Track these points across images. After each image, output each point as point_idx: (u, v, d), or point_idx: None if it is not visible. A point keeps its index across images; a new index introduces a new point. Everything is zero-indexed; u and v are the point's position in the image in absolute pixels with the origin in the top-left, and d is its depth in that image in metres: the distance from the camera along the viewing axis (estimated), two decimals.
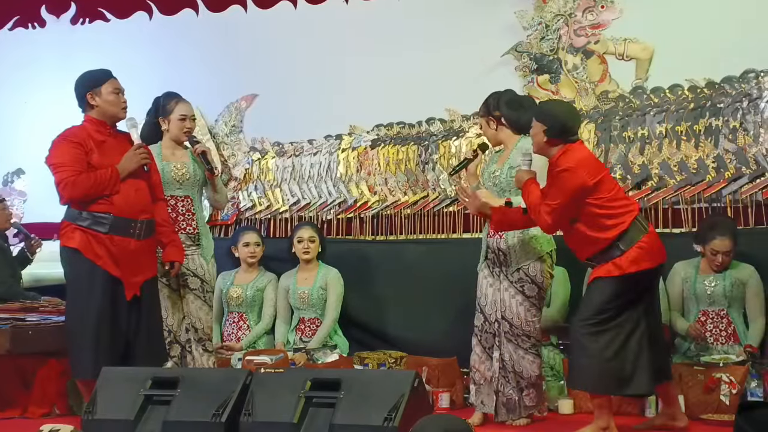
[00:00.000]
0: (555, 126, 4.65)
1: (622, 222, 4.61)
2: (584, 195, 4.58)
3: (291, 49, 7.18)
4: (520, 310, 5.02)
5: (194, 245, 5.29)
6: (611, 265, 4.61)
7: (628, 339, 4.60)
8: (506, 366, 5.04)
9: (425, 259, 6.52)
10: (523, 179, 4.75)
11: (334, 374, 4.52)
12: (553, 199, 4.59)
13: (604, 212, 4.61)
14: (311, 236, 6.32)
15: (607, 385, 4.62)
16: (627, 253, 4.59)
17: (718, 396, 5.09)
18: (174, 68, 7.49)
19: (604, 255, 4.64)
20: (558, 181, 4.60)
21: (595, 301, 4.65)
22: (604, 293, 4.62)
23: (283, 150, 7.19)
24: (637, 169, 6.14)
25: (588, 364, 4.61)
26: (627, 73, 6.26)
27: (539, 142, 4.70)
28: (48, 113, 7.61)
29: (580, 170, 4.57)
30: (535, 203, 4.66)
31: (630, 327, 4.61)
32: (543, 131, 4.66)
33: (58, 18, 8.03)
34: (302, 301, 6.31)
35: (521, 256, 5.04)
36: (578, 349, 4.68)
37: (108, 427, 4.41)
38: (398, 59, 6.77)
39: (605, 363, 4.58)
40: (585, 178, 4.56)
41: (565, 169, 4.57)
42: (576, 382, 4.80)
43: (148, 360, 4.85)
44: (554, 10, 6.46)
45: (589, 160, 4.69)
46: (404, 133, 6.83)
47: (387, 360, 5.83)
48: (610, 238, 4.61)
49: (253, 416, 4.26)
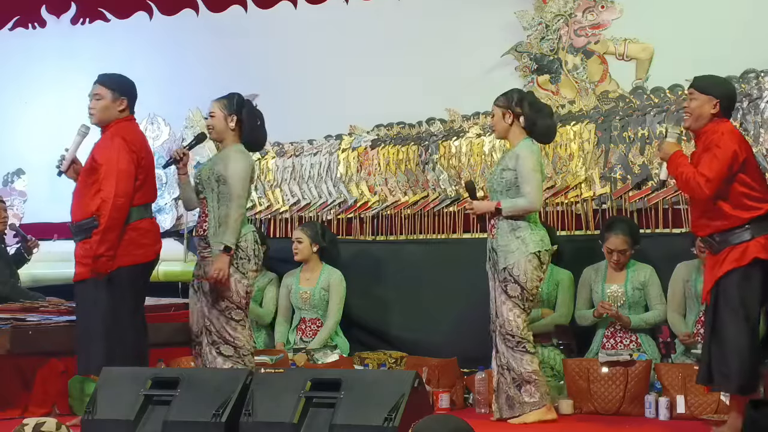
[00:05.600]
0: (728, 100, 4.68)
1: (759, 207, 4.55)
2: (736, 167, 4.54)
3: (291, 49, 7.18)
4: (503, 309, 5.07)
5: (208, 247, 5.13)
6: (738, 253, 4.52)
7: (755, 333, 4.56)
8: (502, 364, 5.08)
9: (425, 259, 6.52)
10: (671, 151, 4.71)
11: (335, 374, 4.52)
12: (710, 170, 4.52)
13: (746, 191, 4.55)
14: (298, 237, 6.36)
15: (754, 385, 4.53)
16: (757, 240, 4.51)
17: (719, 396, 5.09)
18: (174, 68, 7.50)
19: (730, 234, 4.54)
20: (714, 150, 4.54)
21: (737, 296, 4.52)
22: (741, 286, 4.52)
23: (283, 150, 7.19)
24: (638, 169, 6.13)
25: (739, 364, 4.50)
26: (627, 73, 6.26)
27: (705, 114, 4.64)
28: (48, 113, 7.62)
29: (736, 141, 4.58)
30: (689, 174, 4.57)
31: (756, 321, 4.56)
32: (716, 104, 4.62)
33: (59, 18, 8.03)
34: (304, 301, 6.31)
35: (507, 256, 5.07)
36: (730, 348, 4.52)
37: (108, 427, 4.41)
38: (398, 59, 6.77)
39: (752, 361, 4.52)
40: (738, 150, 4.55)
41: (723, 135, 4.54)
42: (722, 383, 4.62)
43: (81, 364, 4.99)
44: (554, 10, 6.46)
45: (742, 137, 4.71)
46: (404, 134, 6.83)
47: (387, 360, 5.83)
48: (744, 219, 4.53)
49: (253, 416, 4.26)
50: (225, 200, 5.08)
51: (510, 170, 5.11)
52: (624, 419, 5.23)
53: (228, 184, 5.06)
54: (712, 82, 4.76)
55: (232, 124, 5.19)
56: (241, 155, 5.17)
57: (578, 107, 6.33)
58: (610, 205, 6.18)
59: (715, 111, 4.62)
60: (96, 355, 4.95)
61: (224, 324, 5.10)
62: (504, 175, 5.12)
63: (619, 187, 6.16)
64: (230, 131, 5.19)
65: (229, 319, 5.11)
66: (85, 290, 5.06)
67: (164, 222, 7.14)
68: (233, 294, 5.08)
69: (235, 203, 5.05)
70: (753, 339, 4.54)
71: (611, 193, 6.18)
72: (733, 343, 4.51)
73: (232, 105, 5.20)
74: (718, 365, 4.56)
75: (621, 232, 5.71)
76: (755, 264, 4.51)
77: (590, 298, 5.86)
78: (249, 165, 5.17)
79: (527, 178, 5.07)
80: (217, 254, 5.02)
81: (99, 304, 5.00)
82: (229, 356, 5.09)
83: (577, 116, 6.33)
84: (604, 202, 6.21)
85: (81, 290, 5.09)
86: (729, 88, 4.79)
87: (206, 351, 5.13)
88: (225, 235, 5.03)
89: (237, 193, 5.06)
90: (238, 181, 5.08)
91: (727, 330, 4.53)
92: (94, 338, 5.00)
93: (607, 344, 5.70)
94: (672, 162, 4.68)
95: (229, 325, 5.10)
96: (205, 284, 5.13)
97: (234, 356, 5.09)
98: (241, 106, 5.23)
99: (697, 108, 4.65)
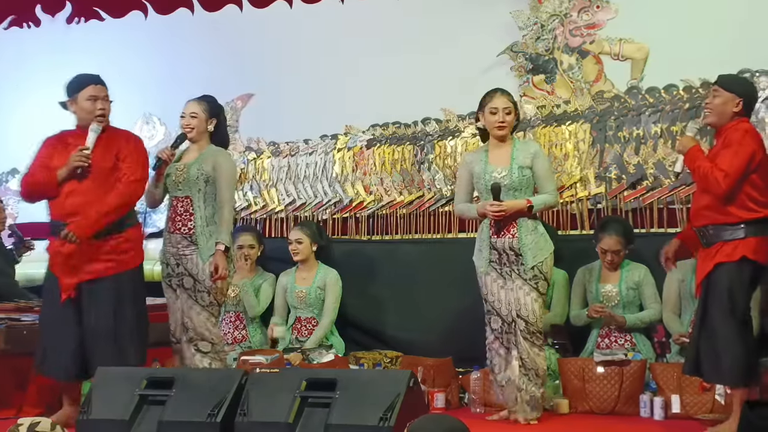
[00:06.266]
0: (750, 100, 4.72)
1: (759, 211, 4.58)
2: (752, 167, 4.56)
3: (286, 48, 7.18)
4: (535, 307, 5.06)
5: (192, 245, 5.24)
6: (729, 248, 4.55)
7: (746, 326, 4.58)
8: (526, 364, 5.06)
9: (421, 258, 6.52)
10: (689, 145, 4.73)
11: (330, 374, 4.51)
12: (730, 165, 4.54)
13: (752, 193, 4.57)
14: (298, 238, 6.36)
15: (751, 376, 4.57)
16: (748, 240, 4.54)
17: (713, 396, 5.09)
18: (169, 68, 7.49)
19: (723, 230, 4.58)
20: (735, 147, 4.57)
21: (726, 290, 4.56)
22: (730, 279, 4.55)
23: (278, 150, 7.19)
24: (633, 169, 6.14)
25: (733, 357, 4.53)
26: (622, 73, 6.27)
27: (727, 112, 4.66)
28: (43, 113, 7.61)
29: (757, 142, 4.61)
30: (707, 168, 4.59)
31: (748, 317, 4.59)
32: (738, 102, 4.64)
33: (54, 17, 8.02)
34: (300, 300, 6.32)
35: (537, 253, 5.07)
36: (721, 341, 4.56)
37: (103, 427, 4.40)
38: (394, 59, 6.77)
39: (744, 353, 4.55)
40: (757, 150, 4.58)
41: (746, 134, 4.58)
42: (714, 377, 4.68)
43: (101, 361, 4.83)
44: (550, 10, 6.46)
45: (761, 138, 4.73)
46: (400, 133, 6.83)
47: (382, 360, 5.84)
48: (741, 218, 4.55)
49: (248, 416, 4.26)
50: (211, 200, 5.24)
51: (527, 168, 5.11)
52: (619, 419, 5.23)
53: (219, 185, 5.24)
54: (737, 80, 4.86)
55: (211, 127, 5.39)
56: (228, 156, 5.43)
57: (573, 107, 6.34)
58: (605, 204, 6.19)
59: (738, 109, 4.66)
60: (129, 352, 4.99)
61: (205, 320, 5.23)
62: (524, 173, 5.11)
63: (614, 187, 6.17)
64: (207, 133, 5.38)
65: (210, 315, 5.25)
66: (107, 287, 5.01)
67: (159, 222, 7.13)
68: (218, 292, 5.26)
69: (228, 205, 5.26)
70: (743, 331, 4.56)
71: (606, 193, 6.19)
72: (723, 337, 4.54)
73: (213, 108, 5.41)
74: (709, 359, 4.60)
75: (615, 233, 5.72)
76: (744, 262, 4.55)
77: (584, 298, 5.86)
78: (236, 166, 5.51)
79: (549, 176, 5.19)
80: (216, 252, 5.18)
81: (126, 300, 5.03)
82: (206, 353, 5.23)
83: (573, 116, 6.33)
84: (599, 202, 6.22)
85: (102, 288, 5.01)
86: (752, 88, 4.86)
87: (185, 348, 5.24)
88: (222, 235, 5.20)
89: (230, 195, 5.30)
90: (230, 184, 5.30)
91: (715, 324, 4.57)
92: (125, 335, 5.00)
93: (602, 344, 5.70)
94: (690, 155, 4.71)
95: (209, 321, 5.25)
96: (188, 280, 5.23)
97: (211, 353, 5.23)
98: (220, 109, 5.46)
99: (720, 105, 4.68)
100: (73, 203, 4.96)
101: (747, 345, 4.59)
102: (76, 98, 5.08)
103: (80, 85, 5.10)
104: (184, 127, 5.38)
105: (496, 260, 5.13)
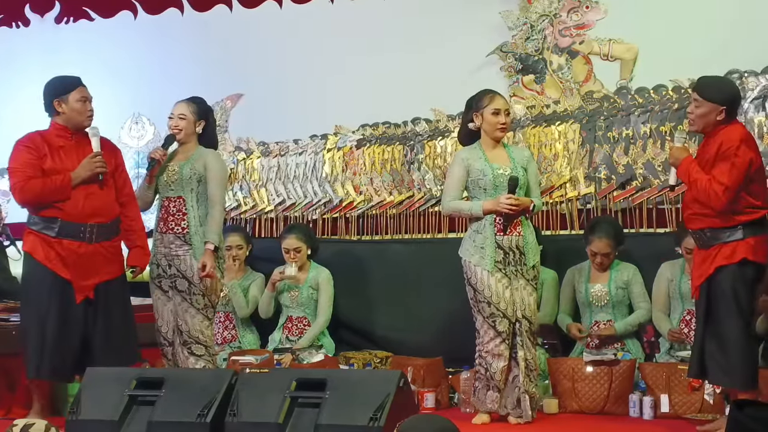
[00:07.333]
0: (733, 105, 4.62)
1: (755, 212, 4.54)
2: (750, 174, 4.51)
3: (276, 48, 7.17)
4: (535, 307, 5.12)
5: (185, 245, 5.24)
6: (729, 250, 4.52)
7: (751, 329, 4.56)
8: (529, 365, 5.06)
9: (410, 258, 6.52)
10: (681, 156, 4.64)
11: (320, 374, 4.51)
12: (729, 178, 4.46)
13: (748, 197, 4.51)
14: (296, 247, 6.27)
15: (756, 380, 4.55)
16: (747, 241, 4.51)
17: (702, 395, 5.11)
18: (158, 68, 7.48)
19: (721, 232, 4.53)
20: (733, 159, 4.48)
21: (731, 292, 4.53)
22: (734, 281, 4.52)
23: (268, 150, 7.18)
24: (622, 169, 6.15)
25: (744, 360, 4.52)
26: (612, 73, 6.28)
27: (711, 121, 4.56)
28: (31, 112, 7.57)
29: (753, 149, 4.55)
30: (704, 182, 4.51)
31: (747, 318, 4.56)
32: (721, 111, 4.54)
33: (43, 17, 8.00)
34: (292, 299, 6.31)
35: (535, 253, 5.11)
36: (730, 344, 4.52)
37: (92, 427, 4.40)
38: (384, 59, 6.77)
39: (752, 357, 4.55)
40: (754, 158, 4.53)
41: (741, 144, 4.48)
42: (721, 379, 4.65)
43: (106, 361, 4.87)
44: (539, 10, 6.47)
45: (755, 143, 4.66)
46: (390, 133, 6.83)
47: (372, 360, 5.84)
48: (738, 221, 4.51)
49: (238, 416, 4.26)
50: (204, 200, 5.29)
51: (524, 170, 5.14)
52: (608, 418, 5.25)
53: (210, 186, 5.29)
54: (717, 87, 4.67)
55: (200, 129, 5.40)
56: (219, 157, 5.49)
57: (563, 107, 6.35)
58: (594, 204, 6.20)
59: (722, 117, 4.56)
60: (129, 350, 5.14)
61: (200, 323, 5.23)
62: (524, 174, 5.13)
63: (604, 187, 6.18)
64: (195, 135, 5.40)
65: (205, 318, 5.26)
66: (120, 287, 5.15)
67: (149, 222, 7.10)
68: (212, 293, 5.27)
69: (219, 205, 5.31)
70: (749, 334, 4.55)
71: (596, 193, 6.20)
72: (732, 339, 4.51)
73: (202, 110, 5.42)
74: (716, 361, 4.55)
75: (605, 235, 5.72)
76: (745, 263, 4.52)
77: (573, 298, 5.87)
78: (226, 167, 5.61)
79: (538, 182, 5.32)
80: (205, 252, 5.20)
81: (127, 302, 5.23)
82: (200, 355, 5.24)
83: (562, 116, 6.34)
84: (588, 202, 6.23)
85: (116, 287, 5.12)
86: (733, 90, 4.72)
87: (178, 351, 5.23)
88: (213, 235, 5.24)
89: (221, 195, 5.34)
90: (221, 184, 5.34)
91: (722, 327, 4.54)
92: (128, 333, 5.14)
93: (591, 344, 5.71)
94: (683, 168, 4.62)
95: (203, 323, 5.25)
96: (182, 282, 5.22)
97: (205, 355, 5.25)
98: (209, 111, 5.49)
99: (703, 116, 4.59)
100: (93, 205, 5.03)
101: (754, 348, 4.60)
102: (66, 99, 5.07)
103: (69, 86, 5.11)
104: (172, 128, 5.39)
105: (501, 260, 5.06)
